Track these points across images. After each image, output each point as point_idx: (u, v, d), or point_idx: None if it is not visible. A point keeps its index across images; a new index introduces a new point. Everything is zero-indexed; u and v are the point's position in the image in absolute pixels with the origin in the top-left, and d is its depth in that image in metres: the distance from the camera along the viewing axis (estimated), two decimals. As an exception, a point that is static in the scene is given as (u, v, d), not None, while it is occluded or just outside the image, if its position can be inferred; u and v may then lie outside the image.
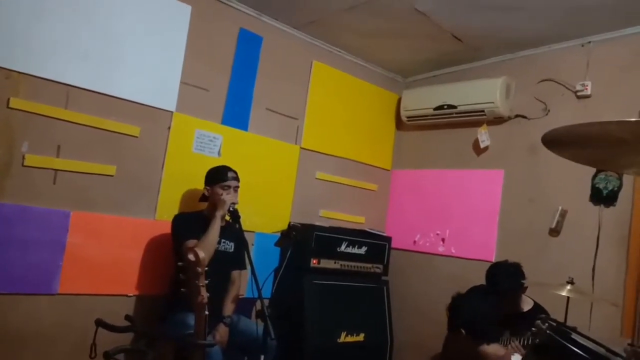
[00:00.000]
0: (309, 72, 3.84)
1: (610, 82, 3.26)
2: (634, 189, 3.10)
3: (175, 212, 3.00)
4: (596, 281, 3.10)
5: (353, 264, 3.69)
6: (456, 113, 3.82)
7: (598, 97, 3.30)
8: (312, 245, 3.48)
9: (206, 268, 1.99)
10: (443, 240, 3.97)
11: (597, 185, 3.22)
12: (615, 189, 3.16)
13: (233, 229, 2.83)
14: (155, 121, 3.04)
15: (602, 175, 3.21)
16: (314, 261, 3.48)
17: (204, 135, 3.23)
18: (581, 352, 1.26)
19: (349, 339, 3.50)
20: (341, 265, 3.62)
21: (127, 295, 2.90)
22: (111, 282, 2.83)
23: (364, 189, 4.23)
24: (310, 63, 3.85)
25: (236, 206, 2.75)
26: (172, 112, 3.09)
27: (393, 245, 3.98)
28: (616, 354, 1.33)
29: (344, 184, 4.08)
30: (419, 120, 4.13)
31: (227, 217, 2.79)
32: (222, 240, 2.83)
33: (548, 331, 1.36)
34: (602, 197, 3.19)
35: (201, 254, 1.95)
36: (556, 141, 1.33)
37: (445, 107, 3.88)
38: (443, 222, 3.99)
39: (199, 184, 2.93)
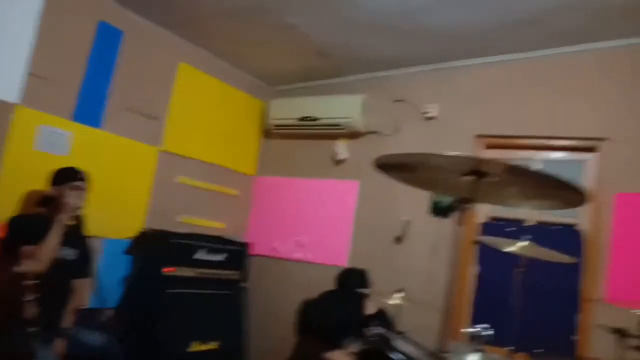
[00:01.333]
0: (173, 73, 3.73)
1: (454, 107, 3.65)
2: (466, 203, 3.50)
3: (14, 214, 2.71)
4: (432, 285, 3.43)
5: (211, 271, 3.64)
6: (318, 125, 3.99)
7: (443, 120, 3.68)
8: (166, 253, 3.38)
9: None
10: (301, 246, 4.11)
11: (435, 200, 3.57)
12: (450, 203, 3.53)
13: (77, 234, 2.63)
14: (-7, 112, 2.73)
15: (440, 190, 3.58)
16: (169, 269, 3.37)
17: (51, 132, 2.97)
18: (394, 357, 1.40)
19: (202, 347, 3.44)
20: (197, 273, 3.55)
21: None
22: None
23: (227, 194, 4.21)
24: (175, 64, 3.74)
25: (82, 210, 2.56)
26: (13, 104, 2.79)
27: (253, 251, 4.01)
28: (437, 356, 1.50)
29: (206, 189, 4.02)
30: (284, 129, 4.24)
31: (70, 222, 2.59)
32: (63, 247, 2.61)
33: (371, 338, 1.49)
34: (439, 210, 3.55)
35: (27, 267, 1.79)
36: (385, 165, 1.47)
37: (309, 118, 4.03)
38: (302, 229, 4.13)
39: (42, 184, 2.68)
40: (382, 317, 3.15)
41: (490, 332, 1.91)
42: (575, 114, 3.25)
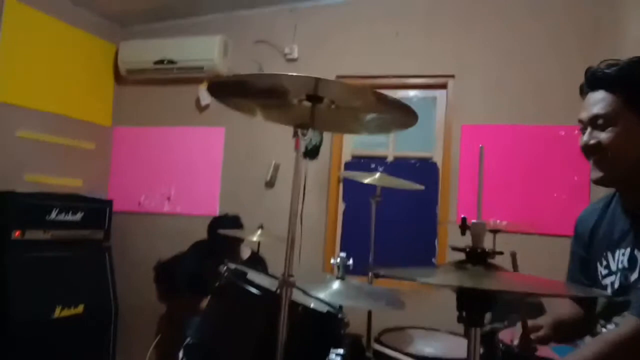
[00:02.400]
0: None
1: (314, 47, 3.63)
2: (333, 140, 3.58)
3: None
4: (304, 226, 3.51)
5: (67, 232, 3.34)
6: (177, 69, 3.75)
7: (303, 60, 3.66)
8: (13, 215, 3.02)
9: None
10: (169, 198, 3.93)
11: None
12: (318, 144, 3.60)
13: None
14: None
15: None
16: (17, 233, 3.03)
17: None
18: (253, 289, 1.39)
19: (65, 312, 3.20)
20: (52, 235, 3.24)
21: None
22: None
23: (80, 148, 3.84)
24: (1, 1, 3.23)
25: None
26: None
27: (115, 208, 3.75)
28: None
29: (55, 143, 3.62)
30: (140, 74, 3.92)
31: None
32: None
33: (226, 274, 1.47)
34: (307, 152, 3.59)
35: None
36: (220, 90, 1.38)
37: (166, 62, 3.76)
38: (168, 181, 3.94)
39: None
40: (256, 260, 3.18)
41: (349, 261, 2.00)
42: (425, 52, 3.42)
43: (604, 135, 1.24)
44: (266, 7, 3.73)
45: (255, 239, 2.30)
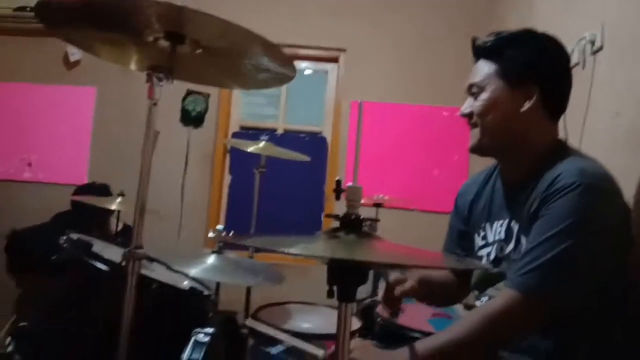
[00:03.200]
0: None
1: (199, 4, 3.36)
2: (219, 108, 3.38)
3: None
4: (185, 198, 3.29)
5: None
6: (40, 17, 3.28)
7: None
8: None
9: None
10: (29, 165, 3.47)
11: (186, 107, 3.35)
12: (203, 111, 3.37)
13: None
14: None
15: (191, 98, 3.36)
16: None
17: None
18: (94, 262, 1.21)
19: None
20: None
21: None
22: None
23: None
24: None
25: None
26: None
27: (-38, 173, 3.23)
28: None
29: None
30: (-3, 21, 3.38)
31: None
32: None
33: (65, 245, 1.26)
34: (191, 119, 3.35)
35: None
36: (53, 16, 1.10)
37: (29, 9, 3.28)
38: (29, 145, 3.47)
39: None
40: (128, 234, 2.90)
41: (227, 233, 1.86)
42: (319, 25, 3.33)
43: (476, 103, 1.25)
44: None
45: (114, 207, 2.05)
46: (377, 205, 2.54)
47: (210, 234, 1.91)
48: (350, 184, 0.78)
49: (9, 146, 3.47)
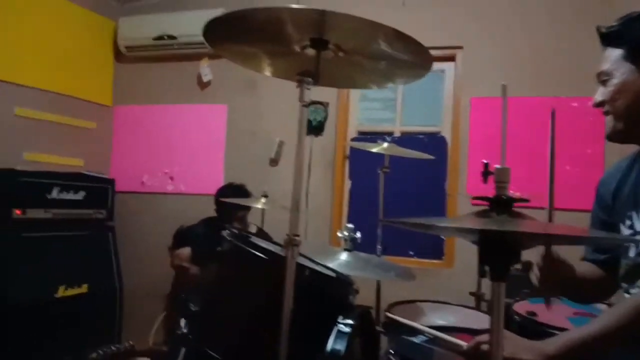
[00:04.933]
0: (-8, -16, 3.13)
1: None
2: (338, 116, 3.50)
3: None
4: (309, 202, 3.44)
5: (69, 211, 3.28)
6: (177, 44, 3.66)
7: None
8: (13, 194, 2.97)
9: None
10: (172, 178, 3.87)
11: (307, 118, 3.51)
12: (322, 120, 3.51)
13: None
14: None
15: (311, 108, 3.52)
16: (18, 212, 2.98)
17: None
18: (258, 253, 1.33)
19: (69, 292, 3.17)
20: (54, 214, 3.18)
21: None
22: None
23: (81, 127, 3.77)
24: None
25: None
26: None
27: (118, 188, 3.69)
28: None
29: (54, 122, 3.55)
30: (140, 51, 3.84)
31: None
32: None
33: (229, 238, 1.40)
34: (312, 128, 3.51)
35: None
36: (218, 36, 1.27)
37: (166, 37, 3.68)
38: (171, 160, 3.88)
39: None
40: (261, 236, 3.10)
41: (357, 233, 1.93)
42: (433, 23, 3.30)
43: (606, 90, 1.26)
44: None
45: (259, 206, 2.24)
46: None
47: (340, 233, 2.00)
48: (498, 166, 0.80)
49: (154, 162, 3.90)
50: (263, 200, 2.21)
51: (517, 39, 3.14)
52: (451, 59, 3.32)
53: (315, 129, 3.51)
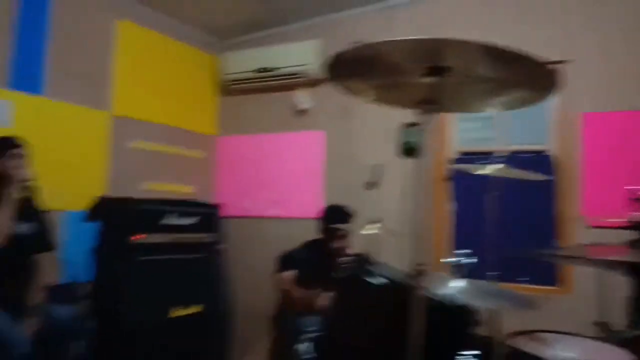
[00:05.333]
0: (112, 31, 3.47)
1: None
2: (436, 137, 3.46)
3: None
4: (407, 226, 3.39)
5: (182, 235, 3.49)
6: (276, 76, 3.83)
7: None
8: (132, 220, 3.22)
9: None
10: (273, 203, 4.01)
11: (402, 140, 3.49)
12: (419, 141, 3.47)
13: (29, 207, 2.44)
14: None
15: (406, 130, 3.50)
16: (137, 236, 3.22)
17: (-14, 104, 2.74)
18: (379, 279, 1.34)
19: (183, 312, 3.35)
20: (169, 238, 3.41)
21: None
22: None
23: (190, 157, 4.04)
24: (112, 21, 3.48)
25: (33, 181, 2.37)
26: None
27: (225, 212, 3.89)
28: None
29: (166, 153, 3.84)
30: (241, 84, 4.06)
31: (21, 194, 2.39)
32: (17, 222, 2.43)
33: (352, 265, 1.42)
34: (408, 151, 3.48)
35: None
36: (339, 70, 1.31)
37: (265, 70, 3.86)
38: (272, 185, 4.03)
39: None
40: (362, 257, 3.10)
41: (473, 259, 1.87)
42: (539, 38, 3.19)
43: None
44: (361, 7, 3.71)
45: (372, 232, 2.26)
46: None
47: (452, 259, 1.95)
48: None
49: (258, 188, 4.07)
50: (377, 225, 2.23)
51: (632, 52, 2.94)
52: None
53: (412, 150, 3.47)
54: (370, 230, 2.26)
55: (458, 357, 1.24)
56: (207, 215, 3.71)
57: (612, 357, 1.54)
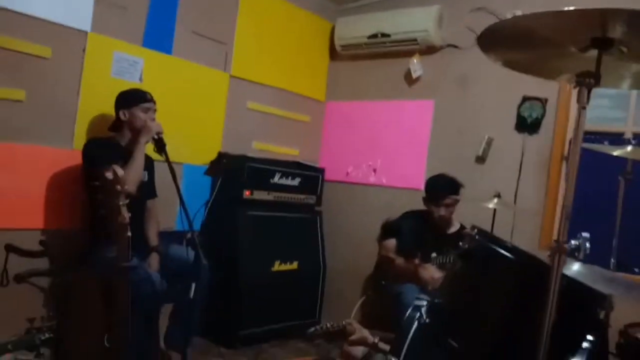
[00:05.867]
0: (237, -5, 3.61)
1: (541, 7, 3.29)
2: (557, 114, 3.24)
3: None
4: (518, 204, 3.26)
5: (286, 195, 3.66)
6: (390, 42, 3.77)
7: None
8: (244, 177, 3.41)
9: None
10: (375, 170, 4.02)
11: (522, 114, 3.33)
12: (539, 117, 3.29)
13: (145, 157, 2.64)
14: (68, 42, 2.76)
15: (527, 104, 3.32)
16: (247, 192, 3.42)
17: (124, 59, 2.98)
18: (506, 253, 1.31)
19: (283, 267, 3.54)
20: (274, 196, 3.59)
21: (42, 230, 2.70)
22: (25, 215, 2.63)
23: (298, 120, 4.15)
24: (238, -15, 3.61)
25: (161, 135, 2.56)
26: (86, 32, 2.82)
27: (326, 177, 3.98)
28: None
29: (277, 115, 3.97)
30: (353, 49, 4.05)
31: (151, 146, 2.61)
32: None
33: (477, 236, 1.40)
34: (527, 125, 3.31)
35: (120, 171, 1.83)
36: (493, 40, 1.25)
37: (379, 35, 3.81)
38: (375, 153, 4.03)
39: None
40: (462, 234, 3.03)
41: (587, 244, 1.76)
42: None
43: None
44: (486, -29, 3.50)
45: (491, 206, 2.21)
46: None
47: (573, 241, 1.85)
48: None
49: (360, 155, 4.10)
50: (495, 200, 2.17)
51: None
52: None
53: (531, 126, 3.30)
54: (489, 204, 2.20)
55: (579, 339, 1.19)
56: (311, 178, 3.83)
57: None
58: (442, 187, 3.00)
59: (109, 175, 1.81)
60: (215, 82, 3.51)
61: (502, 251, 1.31)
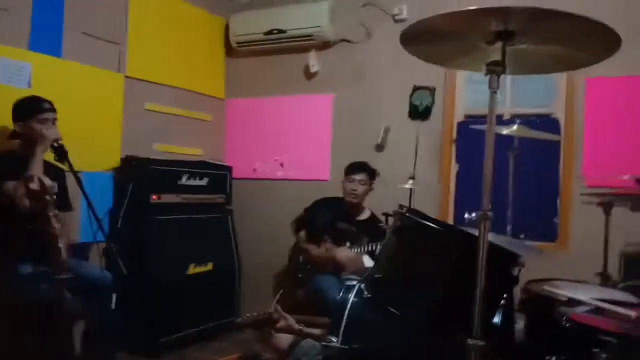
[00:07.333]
0: (125, -8, 3.45)
1: (423, 4, 3.56)
2: (445, 100, 3.54)
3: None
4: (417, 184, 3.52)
5: (195, 196, 3.60)
6: (286, 38, 3.85)
7: (413, 20, 3.60)
8: (149, 181, 3.30)
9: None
10: (282, 165, 4.10)
11: (414, 103, 3.59)
12: (429, 105, 3.57)
13: (52, 168, 2.49)
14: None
15: (417, 93, 3.59)
16: (154, 197, 3.31)
17: (9, 64, 2.74)
18: (435, 225, 1.45)
19: (198, 269, 3.49)
20: (183, 198, 3.51)
21: None
22: None
23: (199, 119, 4.08)
24: (126, -18, 3.46)
25: (61, 141, 2.42)
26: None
27: (234, 174, 3.97)
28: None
29: (176, 115, 3.88)
30: (250, 46, 4.07)
31: (51, 156, 2.45)
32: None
33: (407, 214, 1.53)
34: (419, 113, 3.58)
35: (47, 181, 1.72)
36: (412, 37, 1.41)
37: (275, 32, 3.87)
38: (280, 148, 4.10)
39: (9, 120, 2.51)
40: (378, 221, 3.22)
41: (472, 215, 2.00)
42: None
43: None
44: (372, -31, 3.71)
45: (407, 186, 2.40)
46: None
47: (467, 216, 2.08)
48: None
49: (266, 150, 4.15)
50: (411, 182, 2.35)
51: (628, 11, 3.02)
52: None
53: (423, 113, 3.57)
54: (407, 185, 2.38)
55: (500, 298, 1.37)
56: (218, 177, 3.81)
57: (621, 297, 1.69)
58: (356, 164, 3.22)
59: (34, 186, 1.69)
60: (109, 83, 3.35)
61: (432, 224, 1.46)
